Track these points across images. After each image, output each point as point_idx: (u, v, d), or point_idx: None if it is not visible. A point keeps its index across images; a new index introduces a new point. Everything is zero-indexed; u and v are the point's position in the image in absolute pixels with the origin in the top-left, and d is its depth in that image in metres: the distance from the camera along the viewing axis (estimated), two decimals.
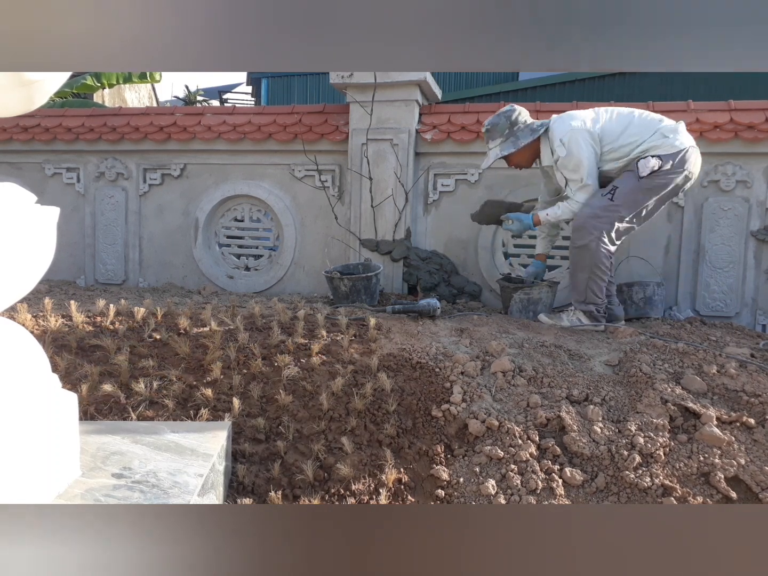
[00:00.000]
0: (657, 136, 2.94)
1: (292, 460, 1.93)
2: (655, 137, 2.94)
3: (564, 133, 3.03)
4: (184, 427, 1.90)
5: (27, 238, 1.32)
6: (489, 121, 3.20)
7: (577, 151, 2.99)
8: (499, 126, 3.15)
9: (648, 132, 2.96)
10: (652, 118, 3.03)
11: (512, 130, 3.14)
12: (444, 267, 3.93)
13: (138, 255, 4.51)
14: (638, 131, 2.97)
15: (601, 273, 3.00)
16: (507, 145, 3.15)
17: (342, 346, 2.43)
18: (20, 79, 1.25)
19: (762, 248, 3.55)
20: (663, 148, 2.92)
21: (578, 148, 2.99)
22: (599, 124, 3.02)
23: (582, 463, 1.94)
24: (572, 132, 3.01)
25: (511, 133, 3.14)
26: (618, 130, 3.00)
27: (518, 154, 3.19)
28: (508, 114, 3.16)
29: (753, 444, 1.98)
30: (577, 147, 2.99)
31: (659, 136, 2.94)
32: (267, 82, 12.31)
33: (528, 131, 3.13)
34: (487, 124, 3.20)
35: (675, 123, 3.00)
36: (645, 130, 2.97)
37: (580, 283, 3.05)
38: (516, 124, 3.14)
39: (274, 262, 4.33)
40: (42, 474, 1.37)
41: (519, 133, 3.14)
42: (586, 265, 3.00)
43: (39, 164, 4.61)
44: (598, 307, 3.04)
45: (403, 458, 1.97)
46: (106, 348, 2.39)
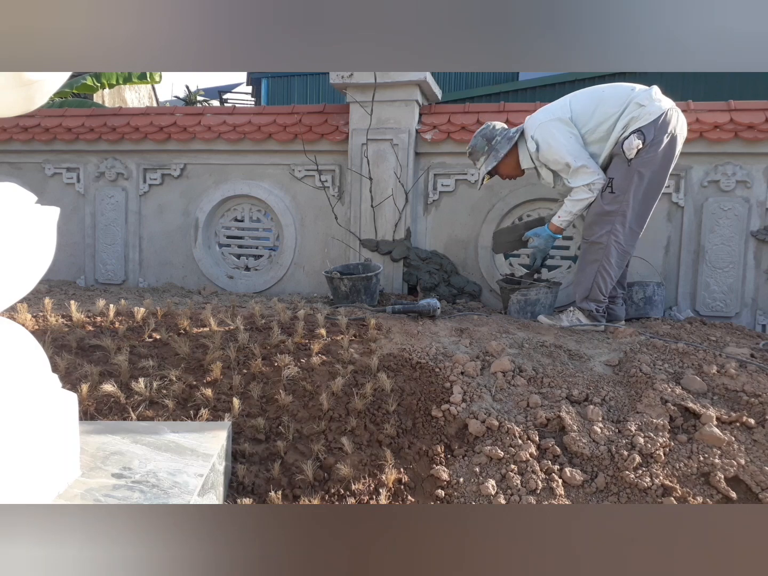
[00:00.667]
0: (633, 107, 2.86)
1: (292, 460, 1.93)
2: (631, 108, 2.87)
3: (532, 129, 3.04)
4: (184, 427, 1.90)
5: (27, 238, 1.32)
6: (470, 145, 3.26)
7: (551, 140, 2.97)
8: (478, 146, 3.21)
9: (621, 103, 2.88)
10: (623, 87, 2.95)
11: (491, 145, 3.17)
12: (444, 267, 3.93)
13: (138, 255, 4.51)
14: (611, 105, 2.90)
15: (611, 269, 2.96)
16: (490, 161, 3.19)
17: (342, 346, 2.43)
18: (20, 79, 1.25)
19: (762, 248, 3.55)
20: (642, 118, 2.83)
21: (551, 138, 2.96)
22: (569, 107, 2.99)
23: (582, 463, 1.94)
24: (540, 126, 3.00)
25: (491, 148, 3.18)
26: (590, 109, 2.95)
27: (503, 166, 3.22)
28: (484, 132, 3.21)
29: (753, 444, 1.98)
30: (550, 137, 2.97)
31: (635, 107, 2.86)
32: (267, 82, 12.31)
33: (505, 141, 3.16)
34: (468, 148, 3.26)
35: (648, 88, 2.90)
36: (618, 103, 2.89)
37: (587, 278, 3.00)
38: (493, 138, 3.17)
39: (274, 262, 4.33)
40: (42, 474, 1.37)
41: (497, 146, 3.16)
42: (597, 259, 2.95)
43: (39, 164, 4.61)
44: (598, 306, 3.02)
45: (403, 458, 1.97)
46: (106, 348, 2.39)
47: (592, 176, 2.95)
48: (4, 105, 1.31)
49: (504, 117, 3.82)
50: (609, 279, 2.98)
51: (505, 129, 3.22)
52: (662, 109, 2.84)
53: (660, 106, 2.84)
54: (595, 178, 2.95)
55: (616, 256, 2.95)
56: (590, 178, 2.95)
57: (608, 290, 3.01)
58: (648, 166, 2.87)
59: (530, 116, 3.16)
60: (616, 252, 2.94)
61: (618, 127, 2.90)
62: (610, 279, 2.98)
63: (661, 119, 2.83)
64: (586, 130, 2.97)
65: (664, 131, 2.84)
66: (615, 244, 2.93)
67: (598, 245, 2.95)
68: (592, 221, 2.97)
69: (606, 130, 2.93)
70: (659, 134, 2.83)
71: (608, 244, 2.92)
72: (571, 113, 2.98)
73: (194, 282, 4.41)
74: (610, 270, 2.96)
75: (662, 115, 2.83)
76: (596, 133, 2.96)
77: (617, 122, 2.90)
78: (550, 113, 3.02)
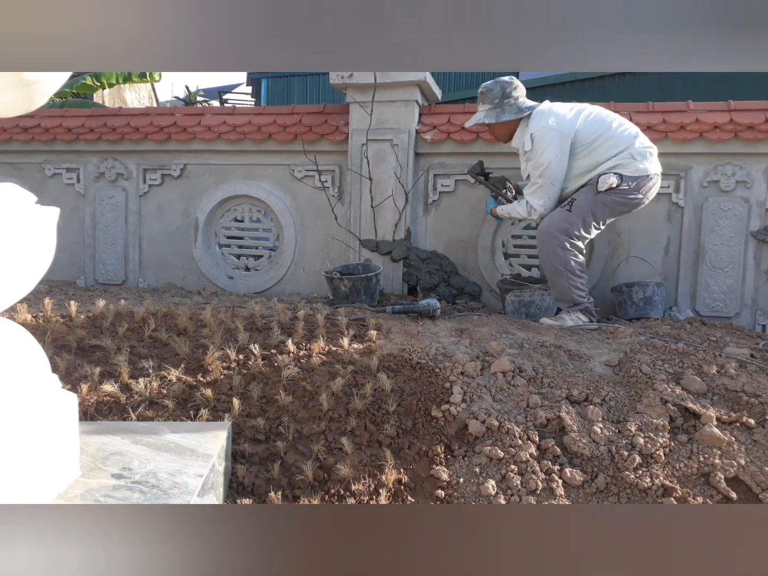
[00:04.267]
0: (625, 155, 2.97)
1: (292, 460, 1.93)
2: (623, 156, 2.97)
3: (536, 128, 3.05)
4: (184, 428, 1.89)
5: (27, 239, 1.32)
6: (485, 84, 3.23)
7: (543, 150, 3.01)
8: (492, 93, 3.17)
9: (618, 149, 2.99)
10: (628, 133, 3.03)
11: (501, 101, 3.15)
12: (444, 267, 3.93)
13: (138, 255, 4.51)
14: (610, 146, 2.99)
15: (578, 270, 3.04)
16: (490, 115, 3.18)
17: (342, 347, 2.43)
18: (20, 79, 1.25)
19: (762, 248, 3.55)
20: (628, 169, 2.95)
21: (546, 147, 3.00)
22: (576, 124, 3.03)
23: (582, 464, 1.94)
24: (544, 130, 3.02)
25: (499, 104, 3.16)
26: (593, 136, 3.02)
27: (497, 127, 3.24)
28: (504, 85, 3.16)
29: (753, 444, 1.98)
30: (545, 146, 3.00)
31: (628, 156, 2.96)
32: (267, 83, 12.31)
33: (514, 109, 3.15)
34: (483, 86, 3.23)
35: (647, 147, 3.01)
36: (617, 145, 2.99)
37: (562, 289, 3.09)
38: (507, 97, 3.15)
39: (274, 262, 4.33)
40: (42, 474, 1.37)
41: (506, 107, 3.15)
42: (559, 269, 3.04)
43: (39, 164, 4.61)
44: (588, 304, 3.10)
45: (403, 459, 1.97)
46: (106, 348, 2.39)
47: (540, 204, 3.10)
48: (4, 105, 1.31)
49: None
50: (579, 281, 3.07)
51: (523, 96, 3.19)
52: (648, 171, 2.97)
53: (648, 168, 2.97)
54: (541, 208, 3.11)
55: (573, 256, 3.03)
56: (537, 204, 3.10)
57: (585, 288, 3.10)
58: (607, 207, 3.01)
59: (541, 110, 3.12)
60: (572, 254, 3.03)
61: (605, 166, 3.01)
62: (580, 281, 3.07)
63: (642, 179, 2.97)
64: (580, 148, 3.04)
65: (638, 190, 2.98)
66: (569, 249, 3.02)
67: (553, 256, 3.04)
68: (544, 237, 3.06)
69: (594, 163, 3.03)
70: (633, 190, 2.98)
71: (563, 251, 3.01)
72: (576, 131, 3.03)
73: (194, 282, 4.40)
74: (577, 271, 3.05)
75: (646, 177, 2.97)
76: (586, 159, 3.04)
77: (607, 162, 3.00)
78: (559, 122, 3.03)
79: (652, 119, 3.62)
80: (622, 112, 3.68)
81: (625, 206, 3.03)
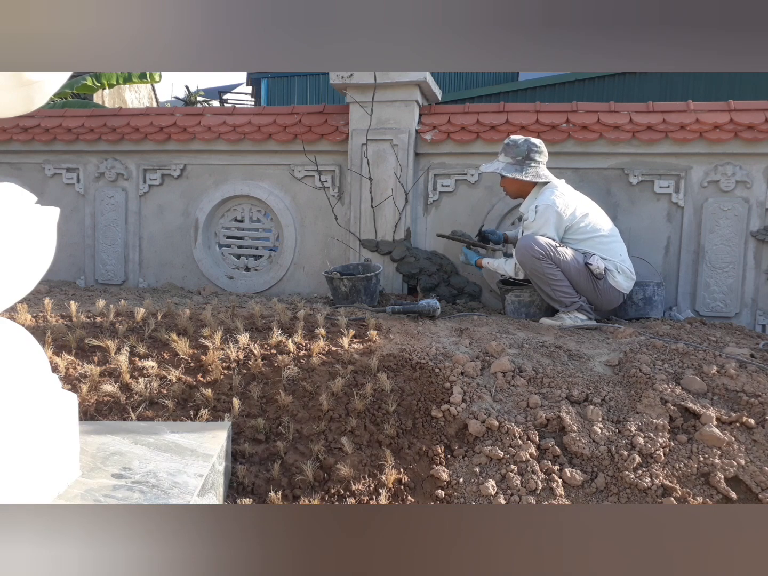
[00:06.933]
0: (610, 265, 3.13)
1: (292, 460, 1.93)
2: (609, 264, 3.13)
3: (542, 203, 3.15)
4: (184, 428, 1.89)
5: (27, 239, 1.32)
6: (514, 138, 3.31)
7: (541, 225, 3.13)
8: (518, 149, 3.25)
9: (606, 255, 3.14)
10: (620, 249, 3.22)
11: (524, 160, 3.24)
12: (444, 267, 3.93)
13: (138, 255, 4.51)
14: (598, 250, 3.14)
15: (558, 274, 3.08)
16: (509, 169, 3.26)
17: (342, 347, 2.43)
18: (20, 79, 1.25)
19: (762, 248, 3.55)
20: (610, 276, 3.13)
21: (543, 224, 3.13)
22: (576, 218, 3.14)
23: (582, 464, 1.94)
24: (549, 208, 3.13)
25: (521, 162, 3.24)
26: (586, 235, 3.17)
27: (511, 182, 3.32)
28: (531, 146, 3.25)
29: (753, 444, 1.98)
30: (543, 222, 3.13)
31: (612, 266, 3.14)
32: (267, 83, 12.30)
33: (532, 172, 3.25)
34: (511, 139, 3.31)
35: (630, 267, 3.19)
36: (605, 252, 3.15)
37: (551, 296, 3.15)
38: (531, 159, 3.23)
39: (274, 262, 4.33)
40: (42, 474, 1.37)
41: (526, 168, 3.24)
42: (542, 279, 3.10)
43: (39, 164, 4.61)
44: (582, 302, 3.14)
45: (403, 458, 1.97)
46: (106, 348, 2.39)
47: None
48: (4, 105, 1.31)
49: (504, 117, 3.82)
50: (563, 283, 3.11)
51: (544, 163, 3.28)
52: (623, 289, 3.18)
53: (624, 287, 3.18)
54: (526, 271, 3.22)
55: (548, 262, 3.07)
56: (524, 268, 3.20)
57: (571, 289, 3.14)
58: (583, 274, 3.10)
59: (554, 186, 3.22)
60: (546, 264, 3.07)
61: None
62: (563, 283, 3.11)
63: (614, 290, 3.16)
64: (571, 240, 3.18)
65: (606, 289, 3.15)
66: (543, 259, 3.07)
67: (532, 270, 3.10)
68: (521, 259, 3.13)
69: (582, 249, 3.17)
70: (604, 285, 3.14)
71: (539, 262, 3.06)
72: (573, 224, 3.15)
73: (194, 282, 4.40)
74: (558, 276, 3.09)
75: (618, 291, 3.18)
76: (574, 245, 3.16)
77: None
78: (563, 205, 3.13)
79: (652, 119, 3.62)
80: (622, 112, 3.69)
81: (587, 283, 3.13)
